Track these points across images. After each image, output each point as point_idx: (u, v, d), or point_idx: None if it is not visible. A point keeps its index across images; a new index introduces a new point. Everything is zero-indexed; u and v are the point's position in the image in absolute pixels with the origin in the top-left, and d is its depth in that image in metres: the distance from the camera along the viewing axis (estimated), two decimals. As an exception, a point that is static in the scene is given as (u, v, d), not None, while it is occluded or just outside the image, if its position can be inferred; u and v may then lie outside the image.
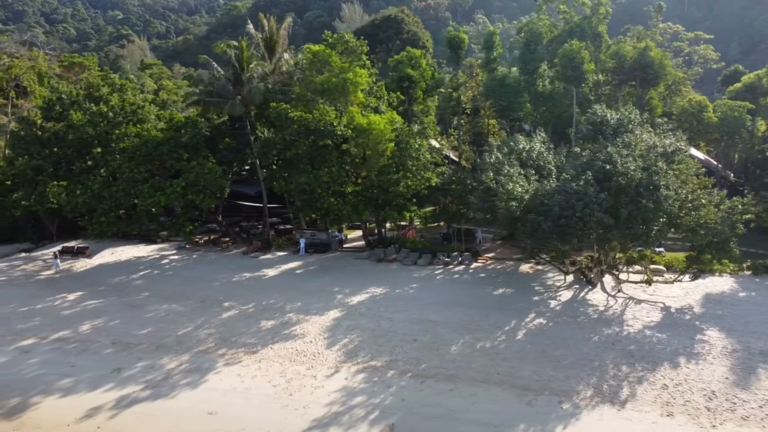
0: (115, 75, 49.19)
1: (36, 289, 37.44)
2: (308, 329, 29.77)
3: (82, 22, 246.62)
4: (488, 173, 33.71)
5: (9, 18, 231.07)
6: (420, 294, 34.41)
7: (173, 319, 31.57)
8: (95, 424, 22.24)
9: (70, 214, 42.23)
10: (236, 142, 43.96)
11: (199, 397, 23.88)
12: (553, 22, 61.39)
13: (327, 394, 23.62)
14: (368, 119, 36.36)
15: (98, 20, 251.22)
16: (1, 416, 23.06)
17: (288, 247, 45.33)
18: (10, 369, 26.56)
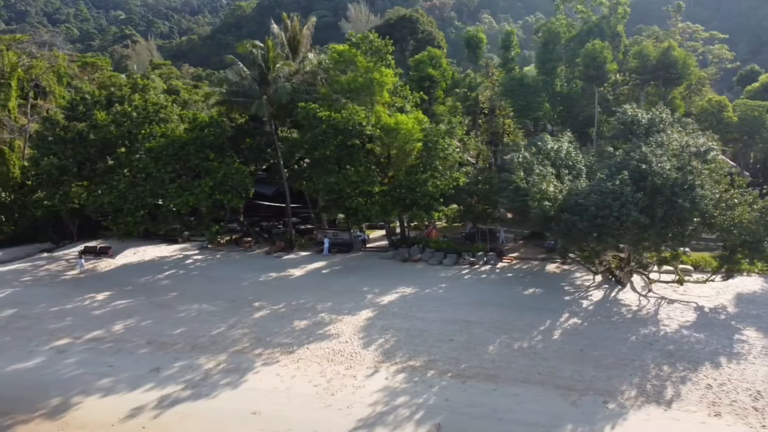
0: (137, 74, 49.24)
1: (64, 289, 37.43)
2: (342, 329, 29.74)
3: (84, 22, 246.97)
4: (518, 173, 33.66)
5: (12, 18, 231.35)
6: (450, 294, 34.39)
7: (205, 319, 31.54)
8: (140, 424, 22.19)
9: (94, 214, 42.24)
10: (258, 142, 43.96)
11: (240, 397, 23.83)
12: (569, 22, 61.33)
13: (369, 394, 23.57)
14: (396, 119, 36.34)
15: (101, 20, 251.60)
16: (44, 416, 23.02)
17: (310, 247, 45.32)
18: (47, 369, 26.52)
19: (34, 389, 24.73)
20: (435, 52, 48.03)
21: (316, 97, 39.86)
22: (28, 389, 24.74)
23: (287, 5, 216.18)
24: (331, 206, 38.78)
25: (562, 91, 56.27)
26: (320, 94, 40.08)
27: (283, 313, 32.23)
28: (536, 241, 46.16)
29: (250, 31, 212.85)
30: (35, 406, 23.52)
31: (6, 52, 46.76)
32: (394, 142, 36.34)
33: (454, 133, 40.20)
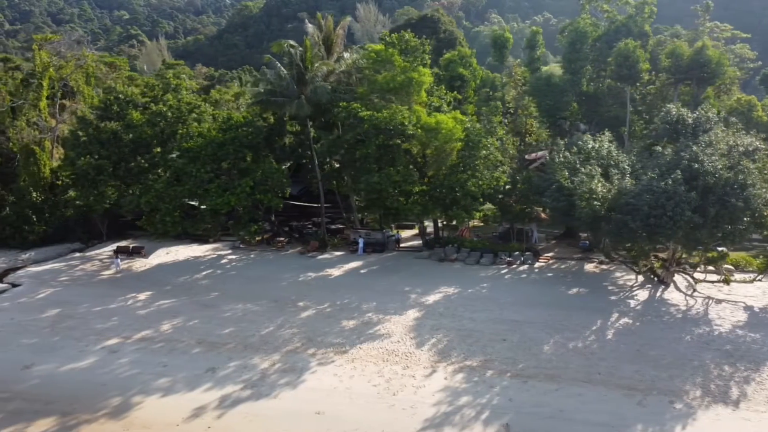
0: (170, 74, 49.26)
1: (103, 289, 37.42)
2: (392, 329, 29.68)
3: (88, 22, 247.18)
4: (562, 172, 33.58)
5: (16, 18, 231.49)
6: (494, 294, 34.32)
7: (252, 319, 31.49)
8: (205, 424, 22.13)
9: (128, 213, 42.23)
10: (292, 142, 43.91)
11: (301, 396, 23.77)
12: (594, 22, 61.20)
13: (431, 394, 23.51)
14: (436, 118, 36.29)
15: (105, 20, 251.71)
16: (107, 416, 22.98)
17: (343, 247, 45.26)
18: (102, 369, 26.49)
19: (92, 389, 24.70)
20: (465, 51, 47.97)
21: (354, 97, 39.80)
22: (86, 389, 24.71)
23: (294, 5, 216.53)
24: (370, 206, 38.68)
25: (588, 91, 56.21)
26: (358, 93, 40.00)
27: (329, 312, 32.17)
28: (569, 241, 46.17)
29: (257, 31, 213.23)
30: (96, 406, 23.48)
31: (39, 52, 46.77)
32: (434, 142, 36.27)
33: (495, 132, 40.13)
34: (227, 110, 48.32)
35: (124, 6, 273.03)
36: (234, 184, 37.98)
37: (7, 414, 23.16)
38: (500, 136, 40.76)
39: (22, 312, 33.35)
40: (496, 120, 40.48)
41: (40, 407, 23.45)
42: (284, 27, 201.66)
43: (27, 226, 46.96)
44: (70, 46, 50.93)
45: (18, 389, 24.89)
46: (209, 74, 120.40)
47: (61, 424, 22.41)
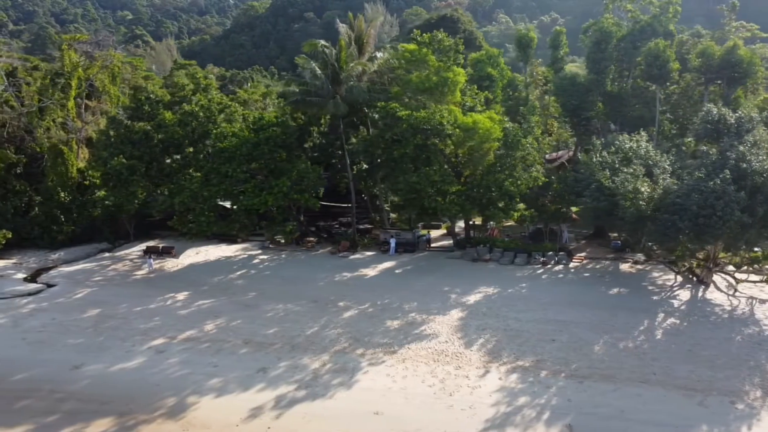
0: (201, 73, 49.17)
1: (140, 289, 37.40)
2: (438, 329, 29.60)
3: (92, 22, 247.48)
4: (603, 172, 33.50)
5: (20, 18, 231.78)
6: (534, 294, 34.24)
7: (295, 319, 31.43)
8: (264, 425, 22.05)
9: (159, 214, 42.21)
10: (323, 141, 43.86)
11: (357, 397, 23.70)
12: (616, 21, 61.05)
13: (488, 395, 23.43)
14: (473, 118, 36.23)
15: (108, 20, 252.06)
16: (164, 416, 22.92)
17: (373, 247, 45.17)
18: (152, 369, 26.42)
19: (145, 389, 24.64)
20: (492, 51, 47.90)
21: (388, 97, 39.75)
22: (139, 389, 24.65)
23: (300, 5, 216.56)
24: (407, 206, 38.60)
25: (612, 91, 56.09)
26: (392, 93, 39.95)
27: (372, 313, 32.11)
28: (599, 241, 46.10)
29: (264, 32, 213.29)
30: (152, 406, 23.43)
31: (68, 51, 46.75)
32: (470, 142, 36.21)
33: (533, 132, 40.05)
34: (255, 110, 48.20)
35: (127, 6, 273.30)
36: (271, 184, 37.92)
37: (64, 414, 23.13)
38: (537, 135, 40.66)
39: (63, 312, 33.32)
40: (534, 120, 40.38)
41: (96, 407, 23.41)
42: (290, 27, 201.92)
43: (55, 226, 46.98)
44: (96, 46, 50.83)
45: (71, 389, 24.85)
46: (221, 74, 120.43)
47: (119, 425, 22.35)
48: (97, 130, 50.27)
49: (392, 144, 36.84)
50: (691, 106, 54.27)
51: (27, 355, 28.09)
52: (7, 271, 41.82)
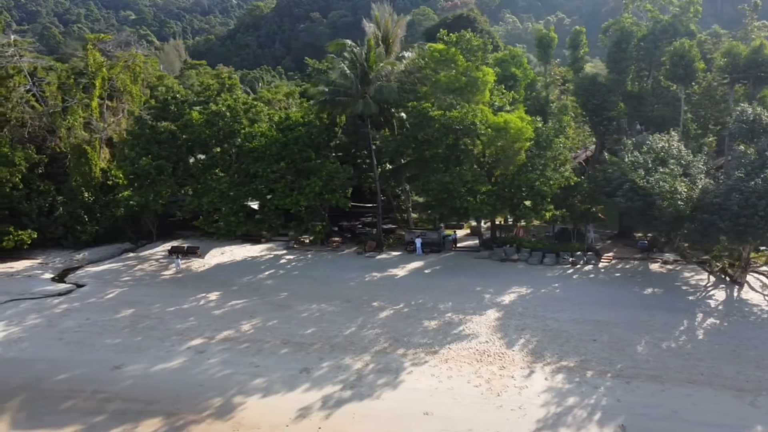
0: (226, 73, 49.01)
1: (170, 289, 37.37)
2: (476, 329, 29.52)
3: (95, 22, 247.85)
4: (638, 172, 33.41)
5: (23, 18, 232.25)
6: (568, 294, 34.16)
7: (331, 319, 31.36)
8: (314, 425, 21.99)
9: (185, 213, 42.16)
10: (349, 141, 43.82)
11: (404, 397, 23.62)
12: (635, 21, 60.97)
13: (536, 395, 23.36)
14: (504, 117, 36.18)
15: (111, 20, 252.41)
16: (213, 416, 22.87)
17: (398, 247, 45.08)
18: (194, 369, 26.38)
19: (190, 389, 24.60)
20: (516, 51, 47.83)
21: (417, 96, 39.71)
22: (184, 389, 24.60)
23: (306, 5, 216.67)
24: (438, 206, 38.51)
25: (632, 91, 56.02)
26: (420, 93, 39.91)
27: (408, 313, 32.03)
28: (624, 241, 45.97)
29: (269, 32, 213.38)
30: (198, 406, 23.39)
31: (93, 51, 46.71)
32: (502, 141, 36.16)
33: (565, 132, 39.98)
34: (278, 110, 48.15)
35: (129, 6, 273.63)
36: (302, 184, 37.86)
37: (111, 414, 23.11)
38: (569, 135, 40.57)
39: (96, 312, 33.29)
40: (566, 119, 40.31)
41: (142, 407, 23.38)
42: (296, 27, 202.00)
43: (79, 226, 46.92)
44: (119, 46, 50.81)
45: (114, 390, 24.82)
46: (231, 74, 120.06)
47: (168, 425, 22.32)
48: (118, 130, 50.33)
49: (422, 144, 36.75)
50: (712, 106, 54.19)
51: (66, 355, 28.08)
52: (34, 271, 41.83)
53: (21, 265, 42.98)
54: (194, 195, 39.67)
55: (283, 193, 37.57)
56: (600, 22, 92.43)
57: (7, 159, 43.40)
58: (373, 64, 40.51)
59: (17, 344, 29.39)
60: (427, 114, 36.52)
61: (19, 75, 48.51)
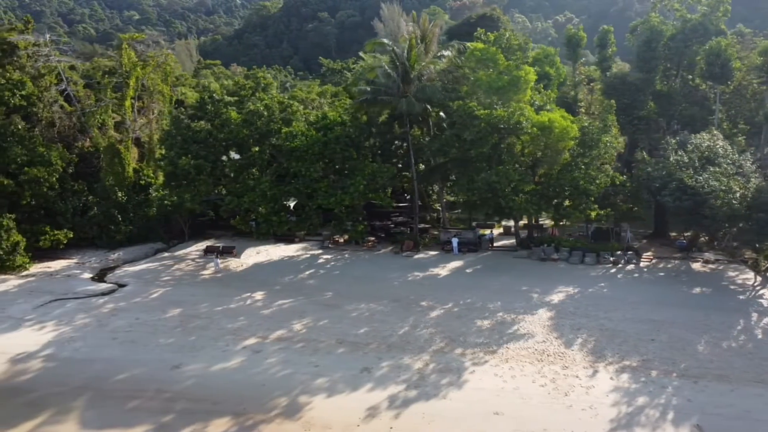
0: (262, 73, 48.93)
1: (213, 288, 37.30)
2: (531, 329, 29.43)
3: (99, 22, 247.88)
4: (686, 171, 33.29)
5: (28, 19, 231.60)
6: (617, 293, 34.05)
7: (382, 319, 31.27)
8: (386, 425, 21.87)
9: (225, 213, 42.11)
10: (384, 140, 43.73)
11: (470, 397, 23.50)
12: (662, 20, 60.85)
13: (604, 395, 23.25)
14: (548, 116, 36.10)
15: (115, 20, 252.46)
16: (282, 416, 22.76)
17: (434, 246, 45.00)
18: (254, 369, 26.29)
19: (253, 389, 24.49)
20: (549, 50, 47.72)
21: (458, 95, 39.62)
22: (247, 389, 24.48)
23: (313, 5, 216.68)
24: (482, 205, 38.42)
25: (661, 90, 55.90)
26: (461, 92, 39.83)
27: (458, 312, 31.93)
28: (660, 240, 45.87)
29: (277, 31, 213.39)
30: (265, 406, 23.29)
31: (127, 50, 46.69)
32: (546, 140, 36.07)
33: (610, 131, 39.85)
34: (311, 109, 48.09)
35: (133, 6, 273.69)
36: (346, 183, 37.78)
37: (179, 414, 23.02)
38: (615, 134, 40.45)
39: (144, 312, 33.23)
40: (611, 119, 40.21)
41: (209, 407, 23.29)
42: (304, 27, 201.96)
43: (113, 226, 46.87)
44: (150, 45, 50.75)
45: (177, 389, 24.74)
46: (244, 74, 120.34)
47: (238, 424, 22.22)
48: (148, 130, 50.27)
49: (466, 143, 36.65)
50: (743, 105, 54.10)
51: (122, 354, 27.99)
52: (72, 271, 41.79)
53: (58, 265, 42.96)
54: (230, 194, 39.54)
55: (327, 192, 37.48)
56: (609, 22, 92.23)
57: (43, 158, 43.40)
58: (414, 63, 40.40)
59: (70, 344, 29.32)
60: (473, 113, 36.42)
61: (50, 75, 48.56)
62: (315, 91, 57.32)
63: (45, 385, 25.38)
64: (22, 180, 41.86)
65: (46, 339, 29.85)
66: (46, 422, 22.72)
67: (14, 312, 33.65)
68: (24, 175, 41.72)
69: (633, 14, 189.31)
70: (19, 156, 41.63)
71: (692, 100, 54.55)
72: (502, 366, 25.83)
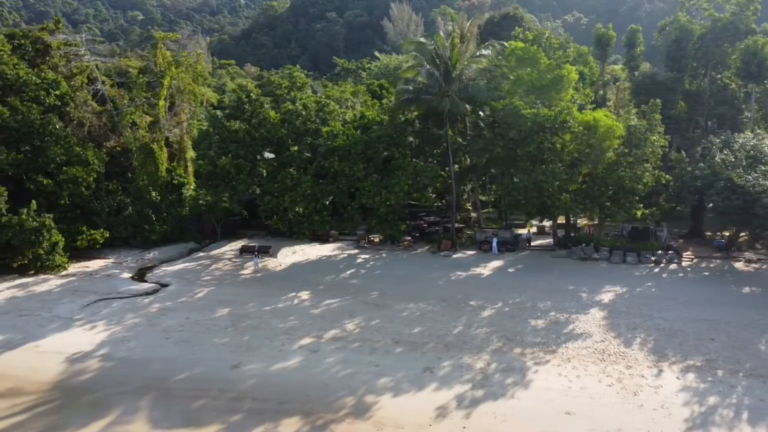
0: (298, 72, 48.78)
1: (256, 288, 37.27)
2: (587, 328, 29.33)
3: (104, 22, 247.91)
4: (736, 170, 33.18)
5: (32, 19, 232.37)
6: (666, 293, 33.96)
7: (434, 318, 31.19)
8: (458, 425, 21.74)
9: (265, 213, 42.05)
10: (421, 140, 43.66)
11: (539, 396, 23.36)
12: (689, 19, 60.73)
13: (673, 394, 23.11)
14: (592, 115, 36.01)
15: (119, 20, 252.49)
16: (352, 416, 22.64)
17: (470, 246, 44.89)
18: (315, 368, 26.20)
19: (316, 388, 24.38)
20: (583, 49, 47.62)
21: (498, 95, 39.54)
22: (311, 388, 24.36)
23: (321, 5, 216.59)
24: (527, 204, 38.33)
25: (690, 89, 55.85)
26: (503, 91, 39.75)
27: (510, 312, 31.84)
28: (697, 239, 45.74)
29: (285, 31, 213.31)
30: (332, 405, 23.19)
31: (162, 50, 46.66)
32: (591, 140, 35.98)
33: (656, 130, 39.73)
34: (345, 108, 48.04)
35: (137, 6, 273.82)
36: (390, 183, 37.70)
37: (246, 413, 22.92)
38: (661, 131, 40.30)
39: (193, 311, 33.19)
40: (657, 118, 40.09)
41: (276, 407, 23.20)
42: (312, 27, 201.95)
43: (147, 226, 46.86)
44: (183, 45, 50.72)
45: (241, 389, 24.67)
46: (258, 74, 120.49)
47: (309, 424, 22.10)
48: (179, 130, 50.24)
49: (510, 142, 36.55)
50: None
51: (179, 354, 27.92)
52: (111, 271, 41.75)
53: (95, 265, 42.95)
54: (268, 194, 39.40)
55: (371, 192, 37.39)
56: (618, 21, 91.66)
57: (79, 158, 43.36)
58: (456, 62, 40.29)
59: (124, 344, 29.26)
60: (519, 112, 36.32)
61: (81, 74, 48.55)
62: (348, 91, 57.24)
63: (106, 385, 25.30)
64: (61, 180, 41.81)
65: (100, 339, 29.81)
66: (115, 422, 22.63)
67: (61, 312, 33.62)
68: (63, 174, 41.67)
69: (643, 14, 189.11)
70: (58, 156, 41.59)
71: (721, 99, 54.50)
72: (564, 365, 25.71)
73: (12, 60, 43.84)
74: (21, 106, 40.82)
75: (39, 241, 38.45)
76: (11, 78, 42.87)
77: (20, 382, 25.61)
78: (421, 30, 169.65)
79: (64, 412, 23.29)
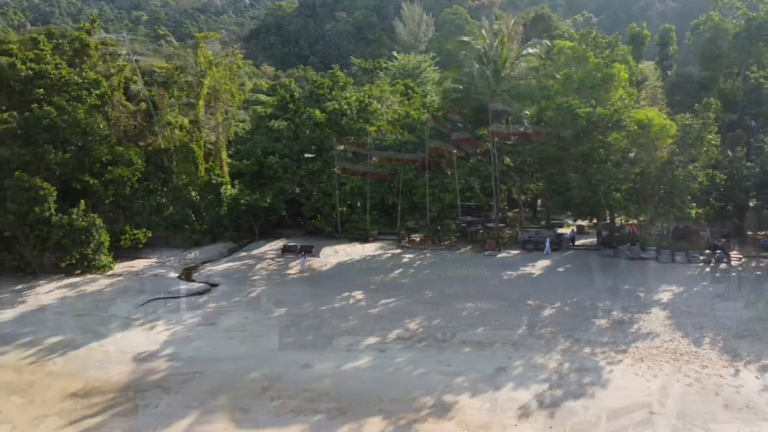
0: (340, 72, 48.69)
1: (307, 288, 37.18)
2: (653, 328, 29.18)
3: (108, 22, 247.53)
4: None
5: (37, 19, 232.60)
6: (726, 292, 33.82)
7: (495, 318, 30.96)
8: (544, 425, 21.71)
9: (310, 212, 41.99)
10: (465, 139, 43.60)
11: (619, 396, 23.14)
12: (722, 18, 60.52)
13: (756, 394, 22.94)
14: (645, 114, 35.91)
15: (124, 20, 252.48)
16: (434, 416, 22.50)
17: (512, 245, 44.76)
18: (386, 368, 26.07)
19: (393, 388, 24.22)
20: (623, 48, 47.44)
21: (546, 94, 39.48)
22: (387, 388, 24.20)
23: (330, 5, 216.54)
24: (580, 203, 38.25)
25: (725, 89, 55.62)
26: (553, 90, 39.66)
27: (570, 311, 31.73)
28: (739, 239, 45.52)
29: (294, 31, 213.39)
30: (411, 405, 23.04)
31: (204, 50, 46.63)
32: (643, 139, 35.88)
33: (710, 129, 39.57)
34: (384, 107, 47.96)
35: (141, 6, 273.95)
36: (444, 182, 37.64)
37: (327, 413, 22.83)
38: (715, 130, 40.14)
39: (250, 311, 33.21)
40: (710, 116, 39.95)
41: (355, 406, 23.10)
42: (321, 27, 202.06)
43: (187, 225, 46.83)
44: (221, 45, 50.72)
45: (317, 388, 24.55)
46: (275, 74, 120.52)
47: (392, 424, 21.98)
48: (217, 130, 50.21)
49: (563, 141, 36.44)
50: None
51: (246, 353, 27.83)
52: (157, 270, 41.73)
53: (140, 264, 42.93)
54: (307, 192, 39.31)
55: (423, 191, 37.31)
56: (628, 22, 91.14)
57: (123, 158, 43.33)
58: (504, 62, 40.24)
59: (189, 343, 29.22)
60: (574, 111, 36.21)
61: (119, 74, 48.56)
62: (388, 90, 57.23)
63: (179, 384, 25.26)
64: (106, 179, 41.80)
65: (162, 338, 29.77)
66: (197, 422, 22.56)
67: (117, 311, 33.62)
68: (108, 174, 41.66)
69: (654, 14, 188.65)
70: (104, 155, 41.58)
71: (755, 98, 54.29)
72: (639, 365, 25.57)
73: (55, 59, 43.83)
74: (66, 105, 40.78)
75: (88, 241, 38.45)
76: (54, 77, 42.86)
77: (93, 382, 25.56)
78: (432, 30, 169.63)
79: (142, 412, 23.25)
